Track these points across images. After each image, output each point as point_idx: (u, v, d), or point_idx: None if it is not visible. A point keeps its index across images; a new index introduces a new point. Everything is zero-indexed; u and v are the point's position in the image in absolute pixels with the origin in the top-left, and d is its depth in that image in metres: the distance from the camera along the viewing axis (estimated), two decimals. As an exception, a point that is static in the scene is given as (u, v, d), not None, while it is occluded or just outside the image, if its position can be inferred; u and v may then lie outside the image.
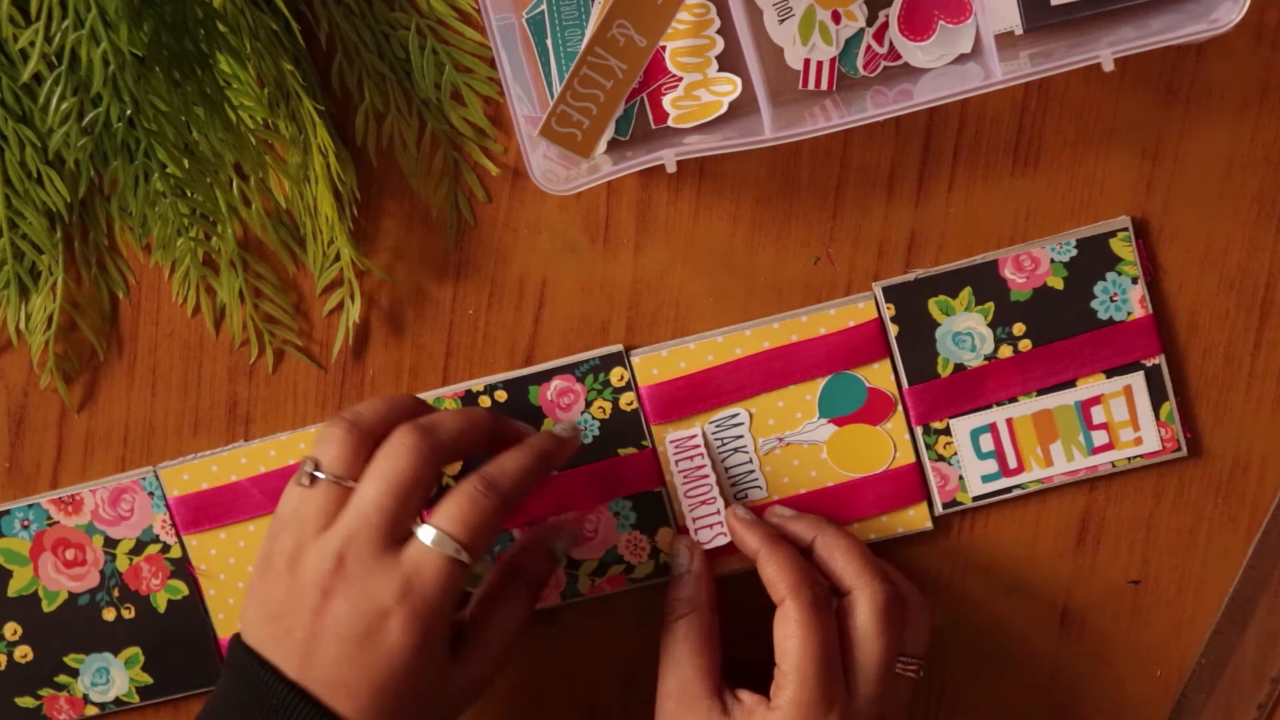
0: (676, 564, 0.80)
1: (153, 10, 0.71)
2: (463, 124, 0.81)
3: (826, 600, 0.75)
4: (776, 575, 0.75)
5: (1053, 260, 0.80)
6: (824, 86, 0.79)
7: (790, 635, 0.73)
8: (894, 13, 0.78)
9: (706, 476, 0.81)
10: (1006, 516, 0.83)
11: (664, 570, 0.83)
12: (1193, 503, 0.83)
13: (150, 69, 0.72)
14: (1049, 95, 0.80)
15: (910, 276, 0.80)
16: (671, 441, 0.81)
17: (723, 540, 0.81)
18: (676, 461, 0.81)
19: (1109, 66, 0.73)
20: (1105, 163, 0.80)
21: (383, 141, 0.82)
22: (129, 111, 0.75)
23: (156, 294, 0.84)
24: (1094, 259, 0.80)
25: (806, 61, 0.79)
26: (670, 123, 0.79)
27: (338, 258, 0.82)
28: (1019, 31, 0.77)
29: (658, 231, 0.82)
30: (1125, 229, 0.80)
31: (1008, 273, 0.80)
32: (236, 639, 0.74)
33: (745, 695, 0.75)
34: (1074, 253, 0.80)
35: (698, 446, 0.81)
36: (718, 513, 0.82)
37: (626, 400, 0.82)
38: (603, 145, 0.79)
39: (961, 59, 0.78)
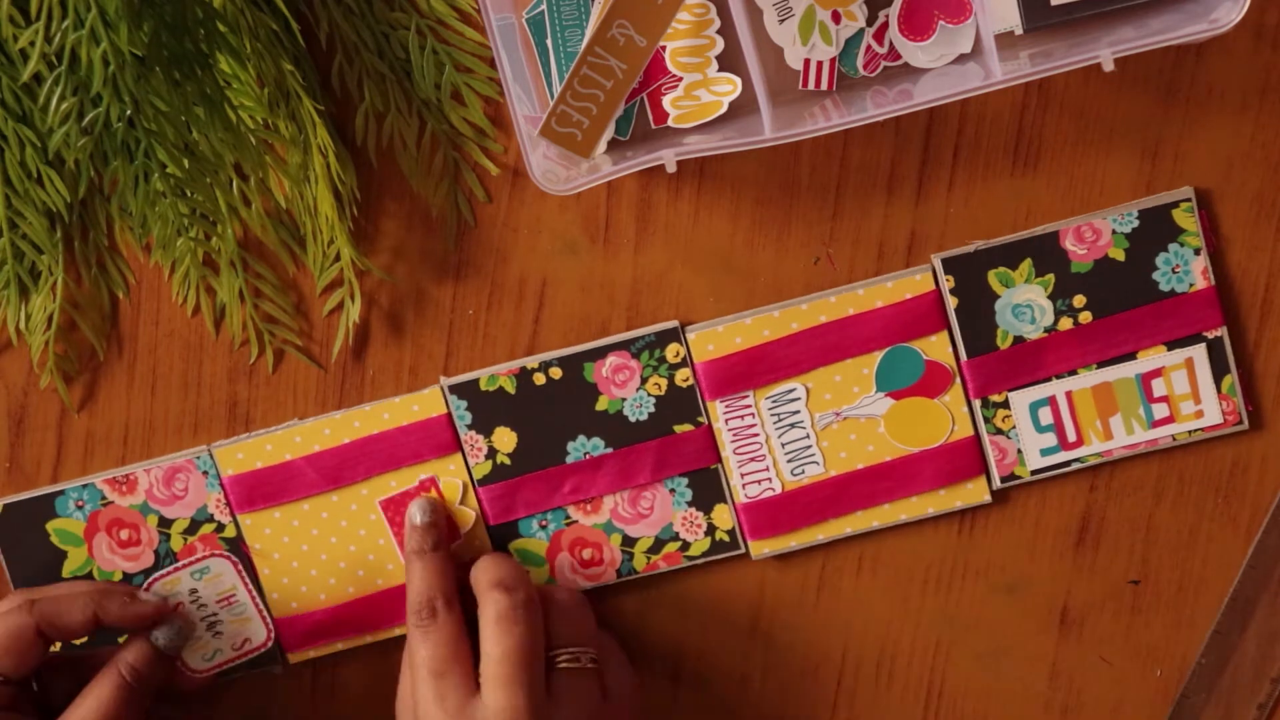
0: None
1: (153, 10, 0.71)
2: (463, 124, 0.81)
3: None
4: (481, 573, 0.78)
5: (1114, 231, 0.80)
6: (824, 86, 0.79)
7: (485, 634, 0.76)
8: (894, 13, 0.78)
9: (756, 435, 0.81)
10: (1007, 516, 0.83)
11: (721, 548, 0.83)
12: (1193, 502, 0.83)
13: (150, 69, 0.72)
14: (1049, 95, 0.80)
15: (970, 248, 0.80)
16: (724, 401, 0.81)
17: (770, 494, 0.82)
18: (727, 420, 0.81)
19: (1109, 66, 0.73)
20: (1105, 163, 0.80)
21: (383, 141, 0.82)
22: (129, 111, 0.75)
23: (156, 294, 0.84)
24: (1156, 230, 0.79)
25: (806, 61, 0.79)
26: (670, 123, 0.79)
27: (338, 258, 0.82)
28: (1019, 31, 0.77)
29: (658, 231, 0.82)
30: (1188, 199, 0.79)
31: (1068, 244, 0.80)
32: None
33: None
34: (1136, 223, 0.79)
35: (749, 406, 0.81)
36: (766, 470, 0.82)
37: (682, 376, 0.82)
38: (603, 145, 0.79)
39: (961, 59, 0.78)
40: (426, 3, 0.80)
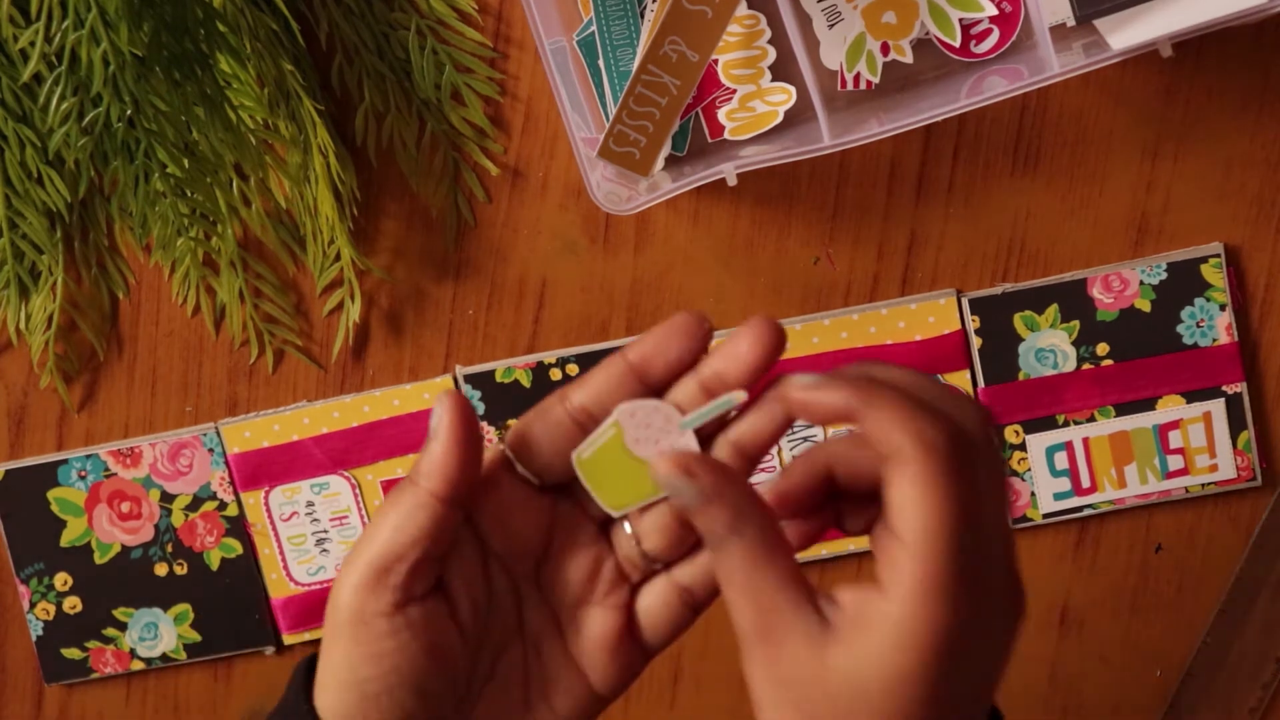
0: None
1: (153, 10, 0.71)
2: (463, 124, 0.81)
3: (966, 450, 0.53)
4: (889, 424, 0.53)
5: (1142, 282, 0.80)
6: (862, 86, 0.77)
7: (911, 497, 0.52)
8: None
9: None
10: (1006, 516, 0.83)
11: None
12: (1193, 502, 0.83)
13: (150, 69, 0.72)
14: (1049, 95, 0.80)
15: (998, 290, 0.80)
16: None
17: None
18: None
19: (1167, 53, 0.72)
20: (1105, 163, 0.80)
21: (383, 141, 0.82)
22: (129, 111, 0.75)
23: (156, 294, 0.84)
24: (1183, 283, 0.80)
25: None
26: (726, 135, 0.79)
27: (338, 258, 0.82)
28: (1071, 23, 0.76)
29: (658, 231, 0.82)
30: (1217, 255, 0.80)
31: (1096, 292, 0.80)
32: None
33: (845, 594, 0.53)
34: (1164, 275, 0.80)
35: None
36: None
37: None
38: (660, 162, 0.78)
39: (1015, 52, 0.77)
40: (426, 3, 0.80)
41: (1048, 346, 0.81)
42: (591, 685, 0.58)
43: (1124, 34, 0.73)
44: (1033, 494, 0.82)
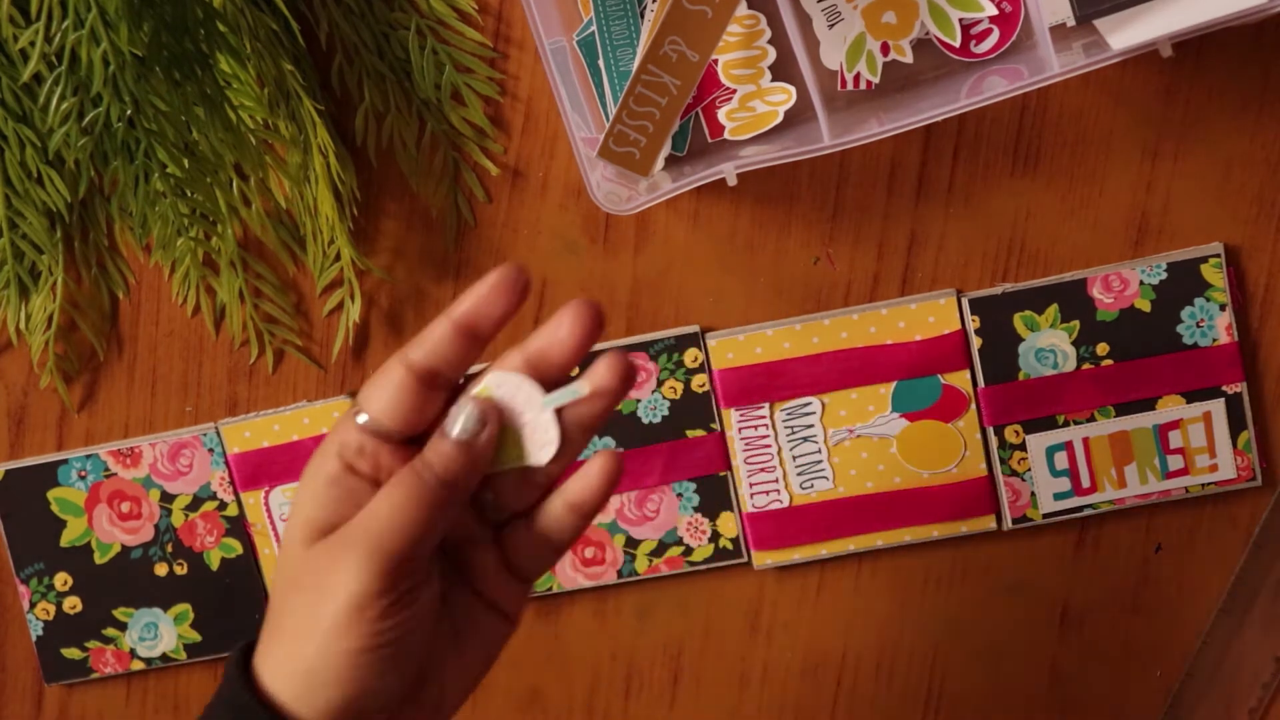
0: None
1: (153, 10, 0.71)
2: (463, 124, 0.81)
3: None
4: None
5: (1142, 282, 0.80)
6: (862, 86, 0.78)
7: None
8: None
9: (769, 446, 0.81)
10: (1006, 516, 0.83)
11: (723, 555, 0.83)
12: (1193, 502, 0.83)
13: (150, 69, 0.72)
14: (1049, 95, 0.80)
15: (998, 290, 0.80)
16: (739, 410, 0.82)
17: (778, 506, 0.82)
18: (741, 429, 0.81)
19: (1167, 53, 0.72)
20: (1105, 163, 0.80)
21: (383, 141, 0.82)
22: (129, 111, 0.75)
23: (156, 294, 0.84)
24: (1184, 283, 0.80)
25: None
26: (726, 135, 0.79)
27: (338, 258, 0.82)
28: (1071, 23, 0.76)
29: (658, 231, 0.82)
30: (1217, 255, 0.80)
31: (1096, 292, 0.80)
32: None
33: None
34: (1164, 275, 0.80)
35: (763, 417, 0.81)
36: (776, 481, 0.82)
37: (699, 382, 0.82)
38: (660, 162, 0.78)
39: (1015, 52, 0.77)
40: (426, 3, 0.80)
41: (1048, 346, 0.81)
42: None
43: (1124, 34, 0.73)
44: (1033, 494, 0.82)
